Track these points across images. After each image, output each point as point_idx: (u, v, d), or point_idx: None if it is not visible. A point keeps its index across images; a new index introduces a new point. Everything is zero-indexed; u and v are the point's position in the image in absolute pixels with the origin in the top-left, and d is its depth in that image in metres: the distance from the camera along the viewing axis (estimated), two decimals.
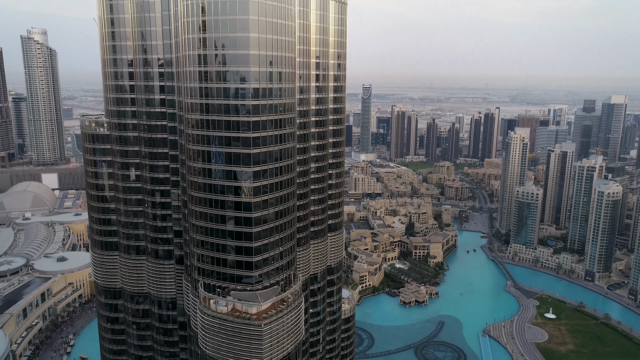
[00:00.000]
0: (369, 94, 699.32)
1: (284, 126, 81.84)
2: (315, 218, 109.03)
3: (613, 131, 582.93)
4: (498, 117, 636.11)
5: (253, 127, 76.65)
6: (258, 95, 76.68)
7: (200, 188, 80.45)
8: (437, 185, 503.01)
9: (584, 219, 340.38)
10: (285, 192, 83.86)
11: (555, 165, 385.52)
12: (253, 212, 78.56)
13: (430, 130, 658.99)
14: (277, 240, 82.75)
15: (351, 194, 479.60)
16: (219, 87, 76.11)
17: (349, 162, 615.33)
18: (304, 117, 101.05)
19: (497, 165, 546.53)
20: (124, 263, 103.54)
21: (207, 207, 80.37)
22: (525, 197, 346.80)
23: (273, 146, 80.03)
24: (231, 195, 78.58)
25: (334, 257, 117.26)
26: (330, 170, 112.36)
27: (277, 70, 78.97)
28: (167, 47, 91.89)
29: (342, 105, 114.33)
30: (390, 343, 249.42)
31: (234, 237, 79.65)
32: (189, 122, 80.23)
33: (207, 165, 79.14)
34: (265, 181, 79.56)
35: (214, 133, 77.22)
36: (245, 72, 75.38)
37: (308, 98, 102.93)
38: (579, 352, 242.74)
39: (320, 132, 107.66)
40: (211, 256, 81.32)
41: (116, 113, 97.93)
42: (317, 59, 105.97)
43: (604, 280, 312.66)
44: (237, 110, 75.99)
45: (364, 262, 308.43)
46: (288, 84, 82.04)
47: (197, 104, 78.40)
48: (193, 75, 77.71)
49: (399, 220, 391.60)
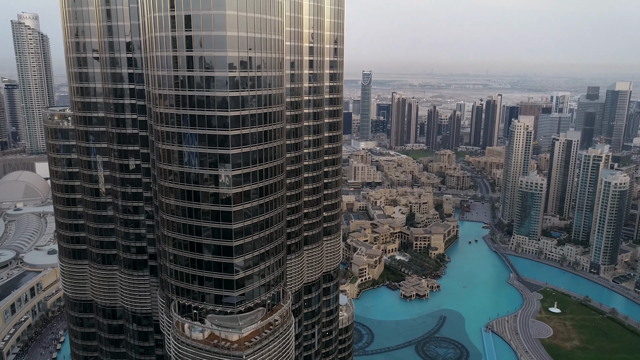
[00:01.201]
0: (369, 81, 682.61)
1: (270, 121, 69.16)
2: (310, 222, 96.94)
3: (617, 119, 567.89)
4: (500, 104, 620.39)
5: (232, 124, 63.92)
6: (237, 85, 63.83)
7: (172, 194, 68.08)
8: (438, 174, 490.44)
9: (589, 210, 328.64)
10: (272, 198, 71.48)
11: (560, 154, 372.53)
12: (233, 223, 66.32)
13: (431, 117, 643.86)
14: (263, 253, 70.63)
15: (350, 183, 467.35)
16: (190, 76, 63.30)
17: (348, 150, 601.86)
18: (295, 109, 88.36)
19: (499, 154, 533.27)
20: (94, 273, 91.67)
21: (180, 217, 68.11)
22: (529, 187, 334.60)
23: (257, 145, 67.39)
24: (207, 202, 66.25)
25: (331, 262, 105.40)
26: (326, 168, 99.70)
27: (261, 55, 66.01)
28: (135, 28, 78.71)
29: (339, 94, 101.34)
30: (390, 339, 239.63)
31: (211, 251, 67.57)
32: (157, 117, 67.57)
33: (178, 168, 66.67)
34: (248, 186, 67.12)
35: (185, 130, 64.68)
36: (221, 58, 62.42)
37: (300, 87, 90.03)
38: (585, 349, 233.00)
39: (314, 125, 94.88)
40: (185, 272, 69.29)
41: (81, 105, 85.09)
42: (311, 43, 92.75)
43: (610, 273, 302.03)
44: (212, 104, 63.20)
45: (364, 254, 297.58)
46: (274, 72, 69.15)
47: (165, 96, 65.71)
48: (160, 61, 64.87)
49: (399, 210, 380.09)
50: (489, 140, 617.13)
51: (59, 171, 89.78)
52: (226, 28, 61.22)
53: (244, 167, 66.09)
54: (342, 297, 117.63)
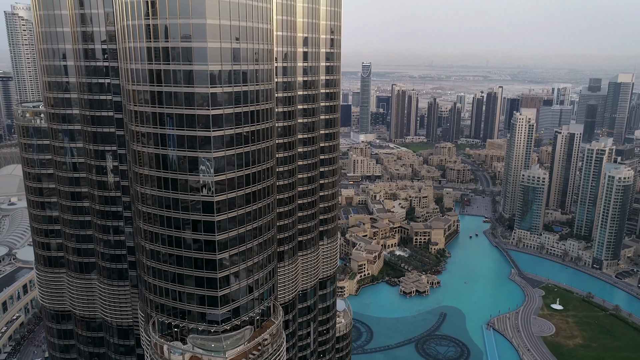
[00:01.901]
0: (369, 73, 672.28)
1: (259, 120, 61.87)
2: (304, 225, 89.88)
3: (619, 111, 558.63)
4: (501, 96, 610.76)
5: (214, 123, 56.60)
6: (219, 80, 56.46)
7: (148, 200, 60.95)
8: (438, 167, 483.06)
9: (591, 204, 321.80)
10: (262, 205, 64.42)
11: (562, 148, 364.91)
12: (216, 234, 59.25)
13: (431, 109, 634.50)
14: (250, 266, 63.66)
15: (350, 176, 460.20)
16: (166, 70, 55.86)
17: (347, 142, 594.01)
18: (288, 105, 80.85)
19: (500, 146, 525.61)
20: (72, 282, 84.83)
21: (159, 226, 61.02)
22: (531, 181, 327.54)
23: (242, 147, 60.10)
24: (188, 212, 59.14)
25: (328, 268, 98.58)
26: (322, 167, 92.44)
27: (246, 47, 58.53)
28: (112, 16, 71.04)
29: (336, 89, 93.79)
30: (389, 337, 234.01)
31: (193, 265, 60.59)
32: (132, 116, 60.25)
33: (155, 172, 59.44)
34: (233, 193, 59.99)
35: (160, 130, 57.34)
36: (200, 50, 54.97)
37: (293, 82, 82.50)
38: (587, 347, 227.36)
39: (309, 122, 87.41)
40: (165, 287, 62.37)
41: (53, 101, 77.65)
42: (305, 34, 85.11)
43: (612, 268, 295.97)
44: (191, 101, 55.84)
45: (363, 250, 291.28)
46: (263, 65, 61.74)
47: (139, 92, 58.37)
48: (133, 53, 57.43)
49: (399, 204, 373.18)
50: (490, 132, 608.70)
51: (32, 173, 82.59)
52: (206, 15, 53.80)
53: (228, 171, 58.88)
54: (339, 302, 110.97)
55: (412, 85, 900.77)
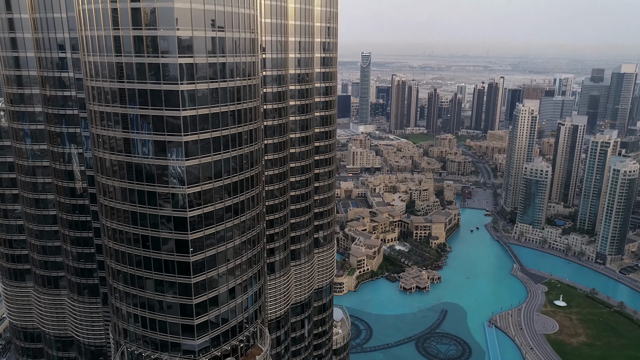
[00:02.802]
0: (368, 63, 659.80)
1: (240, 121, 52.90)
2: (297, 233, 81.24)
3: (622, 102, 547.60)
4: (502, 86, 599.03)
5: (186, 126, 47.63)
6: (192, 75, 47.37)
7: (115, 216, 52.26)
8: (439, 159, 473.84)
9: (595, 197, 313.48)
10: (247, 217, 55.69)
11: (565, 140, 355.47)
12: (191, 255, 50.60)
13: (431, 100, 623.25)
14: (233, 288, 55.10)
15: (349, 168, 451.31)
16: (128, 63, 46.83)
17: (347, 134, 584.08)
18: (278, 101, 71.80)
19: (501, 138, 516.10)
20: (40, 298, 76.49)
21: (125, 245, 52.38)
22: (534, 175, 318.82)
23: (222, 153, 51.19)
24: (157, 229, 50.47)
25: (324, 277, 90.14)
26: (317, 169, 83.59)
27: (225, 35, 49.39)
28: None
29: (333, 82, 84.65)
30: (389, 335, 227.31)
31: (165, 289, 52.06)
32: (93, 117, 51.30)
33: (119, 183, 50.70)
34: (210, 206, 51.21)
35: (123, 134, 48.43)
36: (168, 39, 45.83)
37: (284, 75, 73.29)
38: (592, 345, 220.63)
39: (302, 120, 78.41)
40: (134, 313, 53.92)
41: (12, 97, 68.54)
42: (298, 21, 75.75)
43: (616, 263, 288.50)
44: (158, 100, 46.84)
45: (362, 244, 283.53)
46: (246, 57, 52.64)
47: (98, 89, 49.34)
48: (92, 43, 48.30)
49: (399, 197, 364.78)
50: (491, 124, 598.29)
51: None
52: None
53: (204, 182, 50.00)
54: (336, 311, 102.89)
55: (412, 75, 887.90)
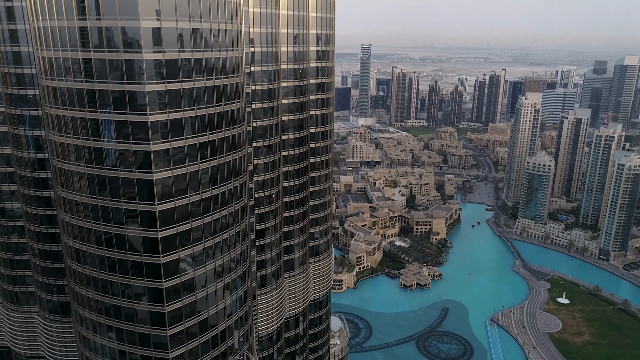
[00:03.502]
0: (368, 55, 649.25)
1: (221, 125, 45.72)
2: (291, 243, 74.30)
3: (625, 94, 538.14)
4: (503, 79, 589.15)
5: (154, 134, 40.45)
6: (161, 73, 40.08)
7: (76, 232, 45.31)
8: (439, 153, 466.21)
9: (598, 192, 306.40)
10: (229, 235, 48.65)
11: (568, 133, 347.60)
12: (163, 280, 43.67)
13: (432, 92, 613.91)
14: (214, 315, 48.26)
15: (348, 162, 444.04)
16: (86, 59, 39.54)
17: (346, 126, 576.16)
18: (268, 100, 64.49)
19: (502, 131, 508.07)
20: (9, 316, 69.82)
21: (88, 267, 45.50)
22: (537, 169, 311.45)
23: (198, 163, 44.05)
24: (124, 250, 43.54)
25: (320, 288, 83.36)
26: (312, 173, 76.47)
27: (201, 27, 42.03)
28: None
29: (330, 78, 77.28)
30: (389, 334, 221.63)
31: (134, 318, 45.24)
32: (50, 122, 44.14)
33: (80, 197, 43.67)
34: (186, 225, 44.17)
35: (86, 143, 41.36)
36: (130, 31, 38.49)
37: (275, 71, 65.90)
38: (596, 344, 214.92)
39: (295, 120, 71.19)
40: (100, 343, 47.16)
41: None
42: (291, 11, 68.25)
43: (620, 260, 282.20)
44: (121, 103, 39.63)
45: (362, 240, 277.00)
46: (228, 51, 45.33)
47: (54, 89, 42.11)
48: (43, 35, 40.99)
49: (399, 192, 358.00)
50: (492, 116, 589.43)
51: None
52: None
53: (177, 197, 42.92)
54: (334, 320, 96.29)
55: (412, 67, 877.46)
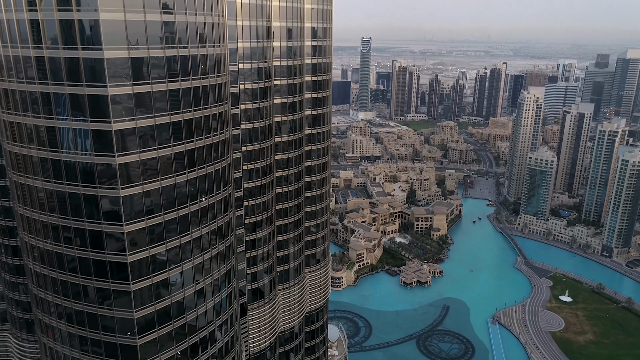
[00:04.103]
0: (369, 48, 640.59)
1: (201, 132, 39.85)
2: (285, 252, 68.62)
3: (627, 88, 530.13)
4: (505, 72, 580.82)
5: (119, 143, 34.63)
6: (126, 74, 34.15)
7: (36, 255, 39.66)
8: (440, 147, 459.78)
9: (601, 188, 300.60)
10: (210, 256, 42.93)
11: (571, 128, 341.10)
12: (134, 309, 38.05)
13: (432, 86, 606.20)
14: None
15: (348, 157, 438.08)
16: (39, 57, 33.66)
17: (346, 120, 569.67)
18: (260, 99, 58.56)
19: (503, 125, 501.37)
20: None
21: (51, 293, 39.90)
22: (539, 165, 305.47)
23: (175, 176, 38.27)
24: (89, 276, 37.89)
25: (316, 299, 77.83)
26: (308, 177, 70.67)
27: (177, 20, 36.06)
28: None
29: (327, 75, 71.20)
30: (389, 332, 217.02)
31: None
32: (4, 130, 38.31)
33: (39, 215, 37.97)
34: (160, 247, 38.42)
35: (42, 154, 35.57)
36: (90, 24, 32.57)
37: (267, 68, 59.87)
38: (599, 343, 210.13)
39: (290, 121, 65.23)
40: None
41: None
42: (284, 3, 62.10)
43: (623, 257, 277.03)
44: (80, 109, 33.79)
45: (362, 237, 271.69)
46: (207, 48, 39.35)
47: (4, 92, 36.30)
48: None
49: (399, 187, 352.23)
50: (493, 110, 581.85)
51: None
52: None
53: (148, 216, 37.13)
54: (331, 329, 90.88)
55: (412, 60, 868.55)
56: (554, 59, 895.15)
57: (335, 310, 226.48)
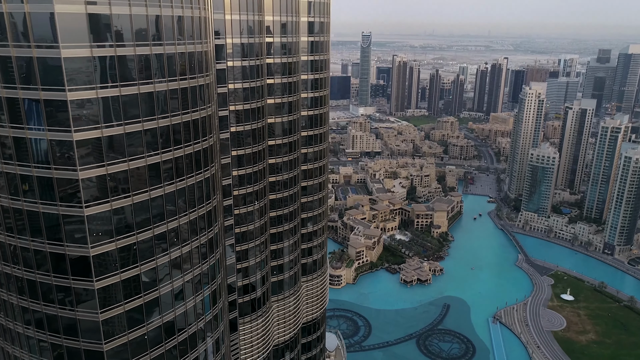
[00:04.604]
0: (369, 43, 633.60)
1: (179, 140, 35.12)
2: (280, 262, 64.08)
3: (629, 84, 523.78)
4: (506, 67, 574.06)
5: (81, 157, 29.95)
6: (88, 76, 29.39)
7: None
8: (440, 143, 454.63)
9: (604, 185, 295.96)
10: (190, 277, 38.30)
11: (573, 124, 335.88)
12: (104, 341, 33.51)
13: (433, 81, 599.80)
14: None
15: (348, 152, 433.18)
16: None
17: (346, 116, 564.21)
18: (252, 100, 53.82)
19: (504, 121, 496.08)
20: None
21: (11, 320, 35.35)
22: (540, 161, 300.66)
23: (150, 191, 33.60)
24: (52, 304, 33.35)
25: (313, 309, 73.37)
26: (304, 182, 65.97)
27: (149, 13, 31.26)
28: None
29: (324, 74, 66.27)
30: (389, 332, 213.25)
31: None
32: None
33: None
34: (131, 270, 33.74)
35: None
36: (43, 19, 27.78)
37: (257, 66, 55.02)
38: (601, 343, 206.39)
39: (285, 122, 60.40)
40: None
41: None
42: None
43: (625, 254, 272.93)
44: (36, 116, 29.07)
45: (361, 234, 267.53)
46: (187, 45, 34.57)
47: None
48: None
49: (399, 183, 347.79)
50: (494, 106, 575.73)
51: None
52: None
53: (118, 236, 32.51)
54: (329, 337, 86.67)
55: (413, 55, 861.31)
56: (554, 54, 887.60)
57: (334, 309, 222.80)
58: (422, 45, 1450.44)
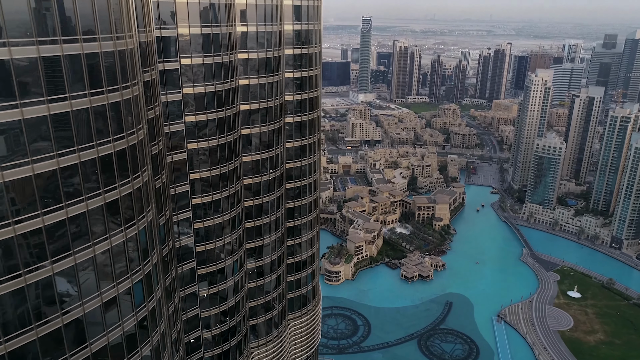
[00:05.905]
0: (369, 27, 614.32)
1: (124, 170, 22.60)
2: (261, 300, 51.87)
3: (635, 70, 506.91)
4: (509, 53, 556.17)
5: None
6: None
7: None
8: (442, 131, 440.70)
9: (612, 176, 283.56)
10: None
11: (580, 112, 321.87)
12: None
13: (434, 67, 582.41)
14: None
15: (347, 141, 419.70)
16: None
17: (346, 103, 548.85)
18: (222, 107, 41.07)
19: (507, 108, 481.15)
20: None
21: None
22: (546, 151, 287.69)
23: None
24: None
25: (304, 350, 61.43)
26: (290, 203, 53.44)
27: None
28: None
29: (314, 70, 53.19)
30: (389, 332, 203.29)
31: None
32: None
33: None
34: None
35: None
36: None
37: (231, 62, 42.07)
38: (611, 344, 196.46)
39: (263, 133, 47.68)
40: None
41: None
42: None
43: (633, 248, 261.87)
44: None
45: (361, 228, 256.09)
46: (119, 41, 21.80)
47: None
48: None
49: (400, 174, 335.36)
50: (496, 92, 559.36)
51: None
52: None
53: None
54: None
55: (414, 40, 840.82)
56: (557, 38, 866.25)
57: (332, 307, 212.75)
58: (423, 29, 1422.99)
